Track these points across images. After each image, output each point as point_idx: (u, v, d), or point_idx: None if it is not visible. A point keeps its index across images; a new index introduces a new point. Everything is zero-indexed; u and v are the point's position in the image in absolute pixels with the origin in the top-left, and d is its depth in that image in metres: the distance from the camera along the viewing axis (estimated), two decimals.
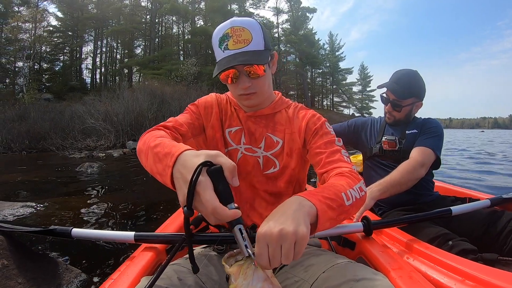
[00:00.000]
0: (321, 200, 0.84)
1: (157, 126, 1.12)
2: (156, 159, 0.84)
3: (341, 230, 1.25)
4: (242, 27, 1.08)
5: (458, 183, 5.76)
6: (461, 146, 19.78)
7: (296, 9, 46.29)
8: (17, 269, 1.45)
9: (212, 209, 0.67)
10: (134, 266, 1.09)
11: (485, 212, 1.73)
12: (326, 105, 59.01)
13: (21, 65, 32.69)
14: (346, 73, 57.94)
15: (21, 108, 20.04)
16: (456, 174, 7.70)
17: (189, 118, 1.24)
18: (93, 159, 11.74)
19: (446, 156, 10.34)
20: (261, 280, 0.67)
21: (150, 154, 0.89)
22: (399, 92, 2.02)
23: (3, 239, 1.47)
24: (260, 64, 1.09)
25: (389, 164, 2.07)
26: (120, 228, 3.58)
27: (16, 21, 31.28)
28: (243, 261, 0.70)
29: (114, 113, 17.13)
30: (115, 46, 42.77)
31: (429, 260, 1.23)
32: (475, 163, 10.27)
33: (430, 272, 1.16)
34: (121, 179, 7.39)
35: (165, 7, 37.64)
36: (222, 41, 1.09)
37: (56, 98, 28.51)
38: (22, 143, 16.32)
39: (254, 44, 1.08)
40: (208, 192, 0.68)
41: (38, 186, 6.43)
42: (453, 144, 22.90)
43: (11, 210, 4.04)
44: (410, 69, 2.08)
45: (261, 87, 1.17)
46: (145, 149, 0.94)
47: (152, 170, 0.88)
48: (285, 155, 1.23)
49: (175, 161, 0.76)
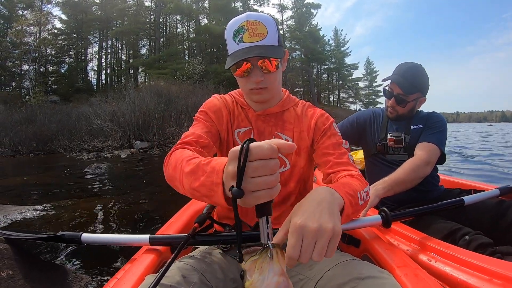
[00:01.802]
0: (346, 195, 0.85)
1: (177, 145, 1.10)
2: (197, 183, 0.78)
3: (360, 224, 1.24)
4: (258, 21, 1.08)
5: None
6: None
7: (300, 6, 46.43)
8: (24, 279, 1.38)
9: (273, 147, 0.63)
10: (139, 264, 1.09)
11: (491, 203, 1.72)
12: (333, 101, 59.25)
13: (26, 68, 33.25)
14: (352, 68, 58.03)
15: (27, 110, 20.27)
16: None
17: (204, 127, 1.22)
18: (101, 160, 11.79)
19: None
20: (277, 274, 0.64)
21: (186, 180, 0.84)
22: (405, 86, 1.94)
23: (8, 247, 1.41)
24: (276, 58, 1.08)
25: (393, 161, 2.02)
26: (133, 231, 3.46)
27: (20, 25, 31.70)
28: (257, 256, 0.65)
29: (121, 114, 17.09)
30: (120, 47, 43.27)
31: (449, 259, 1.18)
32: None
33: (455, 273, 1.11)
34: (130, 179, 7.37)
35: (169, 7, 37.82)
36: (237, 34, 1.08)
37: (63, 100, 28.81)
38: (29, 146, 16.39)
39: (269, 39, 1.08)
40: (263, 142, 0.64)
41: (46, 189, 6.40)
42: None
43: (18, 214, 4.00)
44: (415, 62, 2.00)
45: (272, 83, 1.16)
46: (179, 176, 0.88)
47: (194, 195, 0.82)
48: (294, 154, 1.23)
49: (222, 176, 0.71)
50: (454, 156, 10.51)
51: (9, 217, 3.90)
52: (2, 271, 1.32)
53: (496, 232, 1.56)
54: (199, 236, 1.12)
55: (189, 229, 1.13)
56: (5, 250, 1.39)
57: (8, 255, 1.38)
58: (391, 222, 1.26)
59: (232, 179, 0.63)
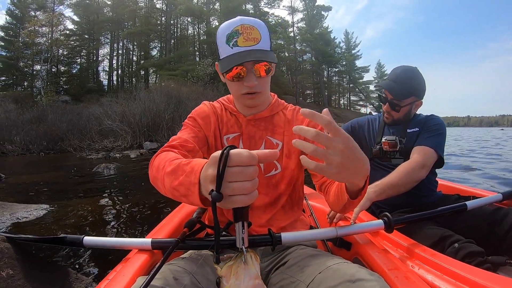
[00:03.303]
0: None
1: (164, 148, 1.11)
2: (176, 182, 0.82)
3: (364, 229, 1.26)
4: (251, 26, 1.08)
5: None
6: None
7: (311, 8, 46.49)
8: (24, 279, 1.33)
9: (252, 155, 0.64)
10: (130, 266, 1.08)
11: (488, 209, 1.68)
12: (343, 104, 59.05)
13: (38, 68, 33.86)
14: (363, 71, 57.74)
15: (39, 110, 20.59)
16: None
17: (191, 132, 1.23)
18: (110, 160, 11.83)
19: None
20: (253, 278, 0.66)
21: (167, 180, 0.87)
22: (397, 92, 1.91)
23: (9, 246, 1.37)
24: (272, 62, 1.10)
25: (389, 165, 1.99)
26: (138, 233, 3.43)
27: (33, 25, 32.34)
28: (232, 261, 0.66)
29: (131, 114, 17.22)
30: (131, 48, 43.87)
31: (433, 267, 1.17)
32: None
33: (436, 282, 1.10)
34: (138, 180, 7.30)
35: (180, 9, 38.18)
36: (231, 38, 1.08)
37: (74, 100, 29.24)
38: (40, 144, 16.68)
39: (263, 44, 1.08)
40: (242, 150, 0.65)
41: (55, 188, 6.39)
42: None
43: (25, 213, 4.02)
44: (409, 65, 1.98)
45: (265, 88, 1.17)
46: (161, 176, 0.91)
47: (174, 194, 0.86)
48: (285, 157, 1.24)
49: (199, 176, 0.74)
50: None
51: (15, 215, 3.90)
52: (2, 270, 1.28)
53: (492, 241, 1.55)
54: (189, 241, 1.12)
55: (178, 234, 1.13)
56: (6, 249, 1.35)
57: (8, 254, 1.34)
58: (393, 227, 1.25)
59: (211, 183, 0.65)
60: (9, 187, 6.61)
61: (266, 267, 1.14)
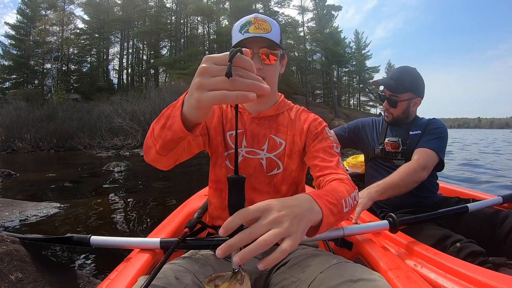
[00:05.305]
0: (326, 205, 0.84)
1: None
2: (163, 119, 0.83)
3: (369, 229, 1.29)
4: (264, 19, 1.14)
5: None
6: None
7: (321, 7, 46.23)
8: (33, 283, 1.29)
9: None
10: (132, 266, 1.09)
11: (488, 212, 1.71)
12: (353, 104, 58.73)
13: (49, 67, 34.22)
14: (373, 71, 57.02)
15: (49, 108, 20.95)
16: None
17: None
18: (120, 158, 11.96)
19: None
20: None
21: (156, 128, 0.87)
22: (393, 86, 2.01)
23: (19, 248, 1.33)
24: (278, 49, 1.15)
25: (391, 165, 2.03)
26: (148, 232, 3.33)
27: (43, 24, 32.68)
28: (228, 283, 0.62)
29: (141, 113, 17.38)
30: (141, 47, 44.18)
31: (436, 266, 1.19)
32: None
33: (440, 280, 1.11)
34: (147, 178, 7.39)
35: (190, 8, 38.29)
36: (243, 27, 1.13)
37: (84, 98, 29.48)
38: (50, 142, 16.87)
39: (273, 35, 1.13)
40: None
41: (64, 186, 6.46)
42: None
43: (35, 211, 4.04)
44: (408, 66, 2.07)
45: (271, 76, 1.18)
46: (150, 131, 0.92)
47: (161, 135, 0.85)
48: (287, 157, 1.25)
49: (184, 97, 0.74)
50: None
51: (25, 213, 3.90)
52: (11, 274, 1.23)
53: (492, 243, 1.58)
54: (190, 241, 1.14)
55: (180, 233, 1.16)
56: (15, 251, 1.31)
57: (18, 256, 1.30)
58: (398, 227, 1.28)
59: (199, 87, 0.63)
60: (19, 184, 6.71)
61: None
